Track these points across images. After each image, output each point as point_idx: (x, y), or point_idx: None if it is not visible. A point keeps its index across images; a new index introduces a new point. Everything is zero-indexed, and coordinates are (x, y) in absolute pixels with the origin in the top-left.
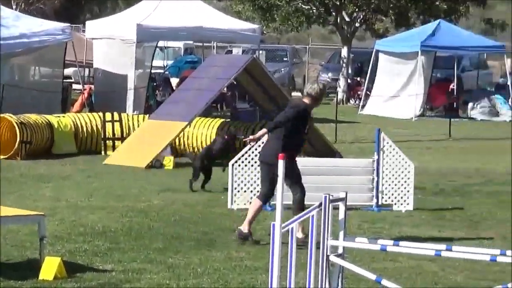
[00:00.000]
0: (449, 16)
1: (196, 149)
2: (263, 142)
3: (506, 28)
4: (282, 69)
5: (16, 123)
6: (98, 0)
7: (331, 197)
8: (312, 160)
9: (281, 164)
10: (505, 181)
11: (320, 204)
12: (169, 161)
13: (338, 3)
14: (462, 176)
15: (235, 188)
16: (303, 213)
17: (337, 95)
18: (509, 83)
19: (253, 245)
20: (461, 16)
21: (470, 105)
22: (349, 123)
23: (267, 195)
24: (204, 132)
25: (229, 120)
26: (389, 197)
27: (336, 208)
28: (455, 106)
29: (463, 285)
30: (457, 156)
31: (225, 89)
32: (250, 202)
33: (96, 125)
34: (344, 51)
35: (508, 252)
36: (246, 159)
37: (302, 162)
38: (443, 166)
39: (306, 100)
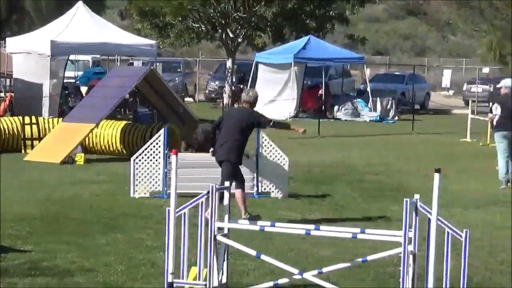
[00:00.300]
0: (317, 32)
1: (103, 147)
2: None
3: (365, 43)
4: (176, 79)
5: None
6: (17, 20)
7: (217, 186)
8: (202, 155)
9: (173, 158)
10: (364, 171)
11: (208, 192)
12: (80, 158)
13: (223, 22)
14: (328, 167)
15: (136, 180)
16: (192, 200)
17: (223, 100)
18: (368, 89)
19: (152, 228)
20: (327, 32)
21: (336, 107)
22: None
23: (243, 182)
24: (109, 132)
25: (131, 122)
26: (267, 186)
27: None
28: (323, 108)
29: (330, 259)
30: (325, 151)
31: (127, 95)
32: (150, 191)
33: (17, 127)
34: (229, 63)
35: (368, 231)
36: (145, 154)
37: (194, 156)
38: (313, 159)
39: (246, 106)
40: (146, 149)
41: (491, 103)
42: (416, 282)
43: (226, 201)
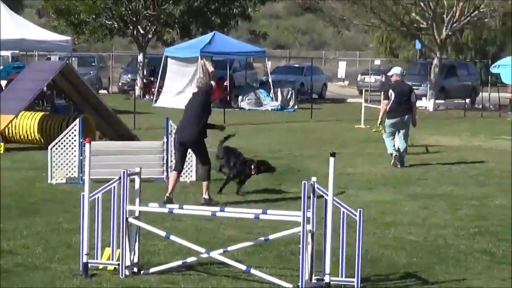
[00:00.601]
0: (222, 28)
1: (22, 137)
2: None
3: (267, 38)
4: (91, 72)
5: None
6: None
7: (128, 172)
8: (116, 143)
9: (87, 146)
10: (266, 157)
11: (120, 178)
12: (0, 147)
13: (134, 19)
14: None
15: (54, 167)
16: (105, 185)
17: (135, 91)
18: (270, 80)
19: (68, 212)
20: (231, 28)
21: (240, 98)
22: (145, 113)
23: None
24: (28, 122)
25: (48, 113)
26: None
27: (133, 181)
28: (228, 99)
29: (235, 238)
30: (230, 138)
31: (45, 88)
32: (66, 177)
33: None
34: (140, 57)
35: (269, 211)
36: (62, 143)
37: (107, 144)
38: None
39: (200, 92)
40: (62, 138)
41: (383, 92)
42: (315, 259)
43: (137, 185)
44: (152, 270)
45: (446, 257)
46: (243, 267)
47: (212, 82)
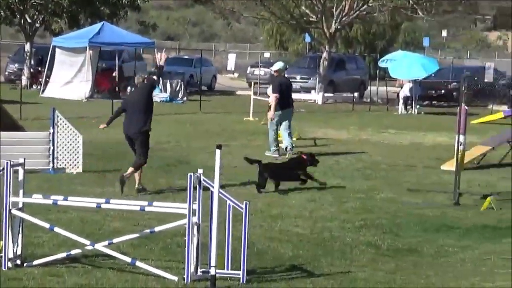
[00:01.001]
0: (111, 18)
1: None
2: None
3: (156, 29)
4: None
5: None
6: None
7: (12, 163)
8: (0, 134)
9: None
10: (154, 148)
11: (3, 168)
12: None
13: (21, 8)
14: (122, 144)
15: None
16: None
17: (21, 81)
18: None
19: None
20: (121, 18)
21: (129, 89)
22: (32, 104)
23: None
24: None
25: None
26: (62, 162)
27: (16, 172)
28: (117, 90)
29: (121, 230)
30: (118, 129)
31: None
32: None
33: None
34: (28, 47)
35: (155, 203)
36: None
37: None
38: (108, 137)
39: (142, 86)
40: None
41: (271, 85)
42: (201, 251)
43: (20, 176)
44: (35, 262)
45: (332, 250)
46: (128, 260)
47: (154, 77)
